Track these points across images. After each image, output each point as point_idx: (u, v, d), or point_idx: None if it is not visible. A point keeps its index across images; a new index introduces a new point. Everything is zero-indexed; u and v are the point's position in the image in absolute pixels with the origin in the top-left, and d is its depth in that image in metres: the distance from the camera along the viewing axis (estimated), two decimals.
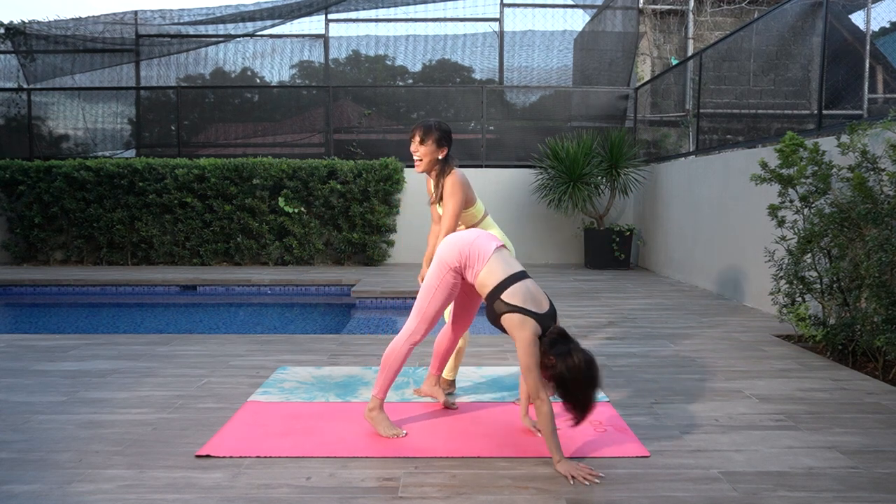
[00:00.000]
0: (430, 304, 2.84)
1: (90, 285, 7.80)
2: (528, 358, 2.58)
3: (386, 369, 2.89)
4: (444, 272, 2.82)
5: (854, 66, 6.11)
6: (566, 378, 2.49)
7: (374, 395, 2.93)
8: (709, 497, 2.33)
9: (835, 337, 4.10)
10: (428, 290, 2.84)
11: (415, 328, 2.87)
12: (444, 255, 2.83)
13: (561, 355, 2.52)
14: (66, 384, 3.64)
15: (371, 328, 6.07)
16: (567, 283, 7.59)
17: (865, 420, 3.09)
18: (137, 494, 2.34)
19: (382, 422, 2.90)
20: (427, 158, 3.14)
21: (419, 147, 3.14)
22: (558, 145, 8.98)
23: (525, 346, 2.58)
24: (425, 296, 2.85)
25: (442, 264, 2.82)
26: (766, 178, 4.58)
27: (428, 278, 2.86)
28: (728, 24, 10.77)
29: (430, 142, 3.12)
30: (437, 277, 2.83)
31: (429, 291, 2.84)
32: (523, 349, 2.59)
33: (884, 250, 3.66)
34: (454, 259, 2.80)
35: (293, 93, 10.69)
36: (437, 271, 2.83)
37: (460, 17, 10.84)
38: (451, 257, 2.80)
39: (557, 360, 2.51)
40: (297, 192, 9.23)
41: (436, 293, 2.83)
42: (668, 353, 4.36)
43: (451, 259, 2.80)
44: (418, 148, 3.14)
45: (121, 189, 9.25)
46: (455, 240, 2.85)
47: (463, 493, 2.35)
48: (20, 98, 10.36)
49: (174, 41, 10.91)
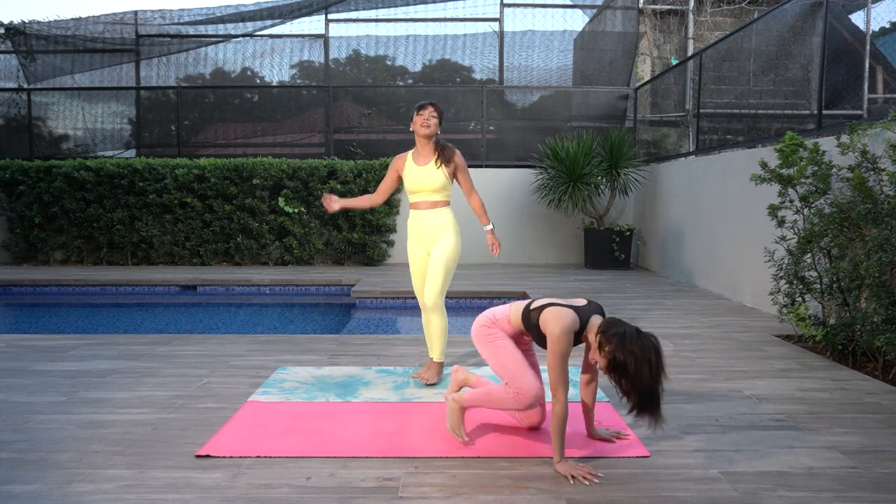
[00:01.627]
0: (503, 363, 2.71)
1: (90, 285, 7.80)
2: (555, 354, 2.49)
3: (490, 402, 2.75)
4: (487, 337, 2.78)
5: (854, 66, 6.11)
6: (621, 361, 2.33)
7: (465, 401, 2.82)
8: (709, 497, 2.33)
9: (835, 337, 4.10)
10: (492, 358, 2.76)
11: (516, 387, 2.66)
12: (477, 330, 2.83)
13: (617, 336, 2.38)
14: (66, 384, 3.64)
15: (371, 328, 6.07)
16: (567, 283, 7.59)
17: (865, 420, 3.09)
18: (137, 494, 2.34)
19: (456, 415, 2.81)
20: (434, 129, 3.69)
21: (433, 118, 3.68)
22: (558, 145, 8.98)
23: (556, 337, 2.49)
24: (496, 363, 2.74)
25: (480, 333, 2.81)
26: (766, 178, 4.58)
27: (484, 351, 2.80)
28: (728, 24, 10.77)
29: (439, 117, 3.72)
30: (487, 344, 2.77)
31: (494, 358, 2.75)
32: (554, 340, 2.49)
33: (884, 250, 3.66)
34: (486, 322, 2.81)
35: (293, 93, 10.69)
36: (483, 342, 2.79)
37: (460, 17, 10.84)
38: (484, 321, 2.82)
39: (613, 341, 2.38)
40: (297, 192, 9.23)
41: (499, 354, 2.73)
42: (668, 353, 4.36)
43: (484, 323, 2.81)
44: (431, 119, 3.67)
45: (121, 189, 9.25)
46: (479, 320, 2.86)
47: (463, 493, 2.35)
48: (20, 98, 10.36)
49: (174, 41, 10.91)
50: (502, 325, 2.79)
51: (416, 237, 3.80)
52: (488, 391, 2.74)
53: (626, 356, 2.34)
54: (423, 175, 3.70)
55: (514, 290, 7.03)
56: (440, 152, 3.71)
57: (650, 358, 2.34)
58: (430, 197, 3.72)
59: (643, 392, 2.35)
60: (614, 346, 2.37)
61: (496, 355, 2.74)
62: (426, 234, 3.74)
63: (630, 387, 2.36)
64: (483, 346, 2.79)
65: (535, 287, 7.20)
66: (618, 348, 2.36)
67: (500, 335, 2.77)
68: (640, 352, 2.34)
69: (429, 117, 3.65)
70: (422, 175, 3.70)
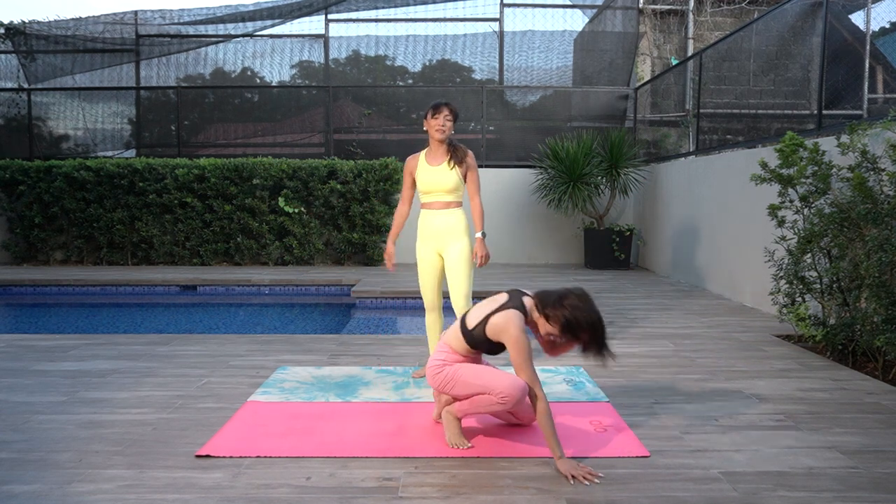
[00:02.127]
0: (471, 383, 2.73)
1: (90, 285, 7.80)
2: (520, 355, 2.60)
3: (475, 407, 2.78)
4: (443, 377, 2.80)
5: (854, 66, 6.11)
6: (572, 319, 2.55)
7: (457, 412, 2.83)
8: (709, 497, 2.33)
9: (835, 337, 4.10)
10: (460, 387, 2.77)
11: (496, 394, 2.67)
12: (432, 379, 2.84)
13: (557, 301, 2.60)
14: (66, 384, 3.64)
15: (371, 328, 6.07)
16: (567, 284, 7.57)
17: (865, 420, 3.09)
18: (137, 494, 2.34)
19: (454, 428, 2.81)
20: (449, 132, 3.71)
21: (448, 122, 3.68)
22: (558, 145, 8.98)
23: (515, 338, 2.61)
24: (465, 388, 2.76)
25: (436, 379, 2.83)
26: (766, 178, 4.58)
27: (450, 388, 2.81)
28: (728, 24, 10.76)
29: (454, 119, 3.72)
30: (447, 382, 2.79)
31: (462, 386, 2.76)
32: (514, 346, 2.61)
33: (884, 250, 3.66)
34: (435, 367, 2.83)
35: (293, 93, 10.69)
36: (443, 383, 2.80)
37: (460, 17, 10.84)
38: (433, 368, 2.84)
39: (556, 308, 2.58)
40: (297, 192, 9.22)
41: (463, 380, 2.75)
42: (668, 353, 4.36)
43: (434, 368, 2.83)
44: (447, 122, 3.67)
45: (121, 189, 9.25)
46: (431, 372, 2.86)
47: (463, 493, 2.35)
48: (20, 98, 10.36)
49: (174, 41, 10.91)
50: (450, 361, 2.83)
51: (426, 238, 3.76)
52: (473, 400, 2.75)
53: (573, 312, 2.57)
54: (436, 175, 3.69)
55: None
56: (453, 153, 3.71)
57: (588, 303, 2.61)
58: (443, 197, 3.71)
59: (598, 332, 2.59)
60: (560, 312, 2.58)
61: (461, 382, 2.75)
62: (438, 235, 3.72)
63: (588, 336, 2.59)
64: (446, 385, 2.80)
65: (535, 287, 7.18)
66: (563, 311, 2.58)
67: (450, 367, 2.81)
68: (581, 302, 2.60)
69: (444, 122, 3.66)
70: (435, 175, 3.70)
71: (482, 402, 2.71)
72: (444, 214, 3.70)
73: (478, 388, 2.71)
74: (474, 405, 2.74)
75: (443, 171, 3.69)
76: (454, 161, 3.69)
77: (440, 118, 3.65)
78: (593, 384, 3.63)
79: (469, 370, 2.77)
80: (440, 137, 3.67)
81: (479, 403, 2.72)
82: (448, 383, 2.79)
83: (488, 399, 2.68)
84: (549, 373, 3.87)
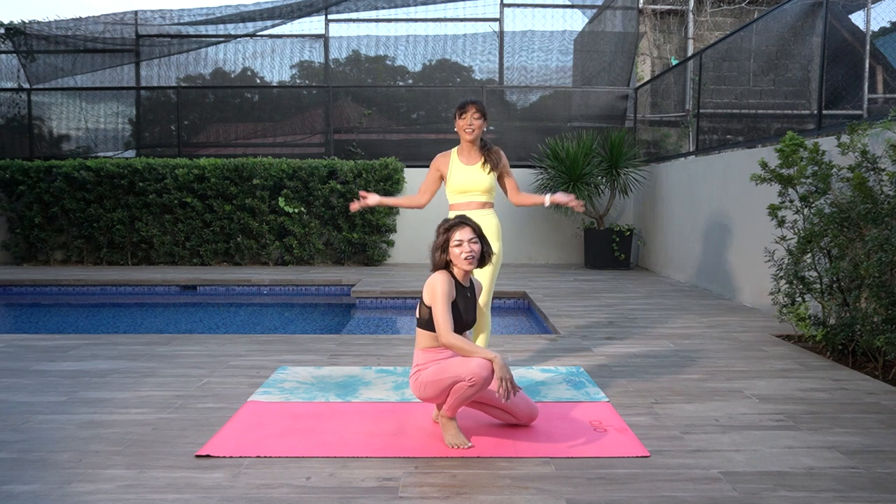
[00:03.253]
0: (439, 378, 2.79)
1: (90, 285, 7.80)
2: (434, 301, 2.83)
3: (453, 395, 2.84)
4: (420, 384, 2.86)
5: (854, 66, 6.11)
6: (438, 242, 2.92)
7: (447, 412, 2.86)
8: (709, 497, 2.33)
9: (835, 337, 4.10)
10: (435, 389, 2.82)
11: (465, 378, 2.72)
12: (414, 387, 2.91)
13: (442, 229, 2.94)
14: (66, 384, 3.64)
15: (371, 328, 6.07)
16: (567, 283, 7.59)
17: (865, 420, 3.09)
18: (137, 494, 2.34)
19: (450, 429, 2.82)
20: (479, 131, 3.63)
21: (476, 121, 3.61)
22: (558, 145, 8.98)
23: (429, 290, 2.87)
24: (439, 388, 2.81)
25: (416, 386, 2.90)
26: (766, 178, 4.58)
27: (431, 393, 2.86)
28: (728, 24, 10.76)
29: (482, 118, 3.63)
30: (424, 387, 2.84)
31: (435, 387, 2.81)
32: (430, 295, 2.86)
33: (884, 250, 3.66)
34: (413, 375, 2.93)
35: (293, 93, 10.69)
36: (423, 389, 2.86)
37: (460, 17, 10.84)
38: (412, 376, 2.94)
39: (444, 233, 2.92)
40: (297, 192, 9.23)
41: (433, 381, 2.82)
42: (668, 353, 4.36)
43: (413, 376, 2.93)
44: (475, 121, 3.61)
45: (121, 189, 9.25)
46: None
47: (463, 493, 2.35)
48: (20, 98, 10.36)
49: (174, 41, 10.91)
50: (423, 363, 2.90)
51: None
52: (452, 393, 2.78)
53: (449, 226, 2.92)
54: (472, 175, 3.63)
55: (515, 289, 7.03)
56: (486, 155, 3.64)
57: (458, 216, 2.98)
58: (479, 197, 3.65)
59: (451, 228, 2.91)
60: (447, 235, 2.92)
61: (431, 383, 2.81)
62: None
63: (450, 233, 2.91)
64: (423, 391, 2.85)
65: (535, 287, 7.20)
66: (445, 230, 2.92)
67: (423, 372, 2.87)
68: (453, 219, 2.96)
69: (471, 121, 3.58)
70: (471, 175, 3.63)
71: (458, 391, 2.73)
72: (482, 215, 3.63)
73: (448, 381, 2.75)
74: (455, 397, 2.76)
75: (477, 171, 3.63)
76: (489, 164, 3.63)
77: (467, 118, 3.58)
78: (593, 384, 3.62)
79: (432, 370, 2.82)
80: (470, 138, 3.61)
81: (457, 393, 2.74)
82: (422, 389, 2.85)
83: (461, 386, 2.72)
84: (549, 373, 3.87)
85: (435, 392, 2.81)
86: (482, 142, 3.69)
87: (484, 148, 3.67)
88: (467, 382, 2.69)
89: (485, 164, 3.63)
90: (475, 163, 3.65)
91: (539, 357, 4.25)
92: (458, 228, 2.92)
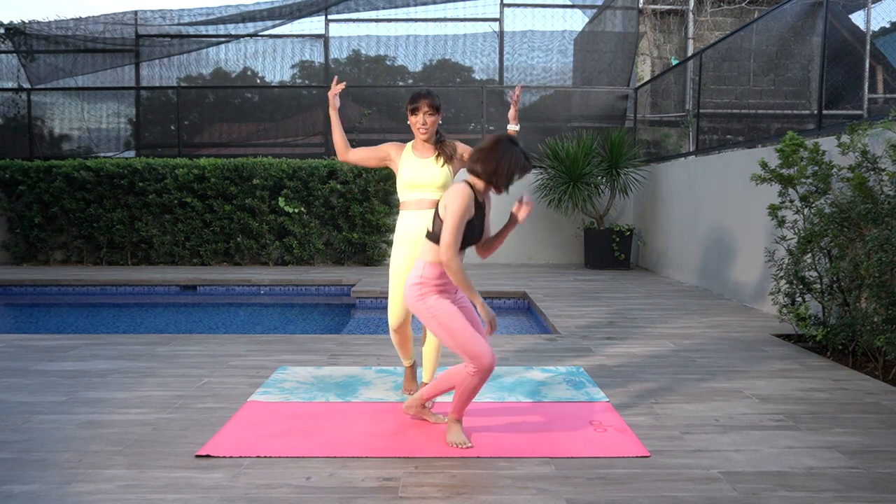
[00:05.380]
0: (450, 331, 2.74)
1: (90, 285, 7.80)
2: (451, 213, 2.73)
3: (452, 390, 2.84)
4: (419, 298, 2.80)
5: (854, 66, 6.12)
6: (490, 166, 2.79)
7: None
8: (709, 497, 2.33)
9: (835, 337, 4.10)
10: (438, 329, 2.77)
11: (470, 356, 2.71)
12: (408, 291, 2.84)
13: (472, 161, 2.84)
14: (66, 384, 3.64)
15: (371, 328, 6.07)
16: (567, 283, 7.59)
17: (865, 420, 3.09)
18: (137, 494, 2.34)
19: (454, 429, 2.81)
20: (433, 128, 3.35)
21: (429, 118, 3.31)
22: (558, 145, 8.98)
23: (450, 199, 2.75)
24: (442, 333, 2.76)
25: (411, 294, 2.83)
26: (767, 177, 4.58)
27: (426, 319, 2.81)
28: (728, 24, 10.76)
29: (435, 112, 3.33)
30: (426, 314, 2.79)
31: (440, 330, 2.76)
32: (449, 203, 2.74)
33: (884, 250, 3.66)
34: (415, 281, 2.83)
35: (293, 93, 10.69)
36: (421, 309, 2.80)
37: (460, 17, 10.84)
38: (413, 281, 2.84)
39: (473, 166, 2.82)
40: (297, 192, 9.23)
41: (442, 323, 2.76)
42: (668, 353, 4.36)
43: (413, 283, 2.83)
44: (427, 119, 3.31)
45: (121, 189, 9.25)
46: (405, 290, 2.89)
47: (463, 493, 2.35)
48: (20, 98, 10.36)
49: (174, 41, 10.91)
50: (428, 276, 2.81)
51: (406, 242, 3.28)
52: (441, 376, 2.79)
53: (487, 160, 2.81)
54: (424, 169, 3.29)
55: (514, 289, 7.03)
56: (441, 150, 3.34)
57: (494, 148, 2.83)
58: (433, 195, 3.27)
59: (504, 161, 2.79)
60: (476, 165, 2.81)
61: (440, 325, 2.75)
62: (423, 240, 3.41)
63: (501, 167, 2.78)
64: (423, 315, 2.79)
65: (535, 287, 7.20)
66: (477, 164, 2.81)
67: (431, 297, 2.79)
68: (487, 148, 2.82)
69: (424, 119, 3.29)
70: (423, 169, 3.29)
71: (464, 389, 2.73)
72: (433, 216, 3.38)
73: (449, 343, 2.73)
74: (462, 398, 2.76)
75: (430, 164, 3.31)
76: (443, 157, 3.32)
77: (420, 115, 3.29)
78: (593, 384, 3.62)
79: (450, 316, 2.75)
80: (423, 137, 3.33)
81: (465, 393, 2.74)
82: (425, 314, 2.78)
83: (457, 373, 2.73)
84: (549, 373, 3.87)
85: (434, 331, 2.78)
86: (437, 135, 3.38)
87: (438, 143, 3.37)
88: (472, 371, 2.68)
89: (438, 157, 3.32)
90: (429, 156, 3.34)
91: (539, 357, 4.25)
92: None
